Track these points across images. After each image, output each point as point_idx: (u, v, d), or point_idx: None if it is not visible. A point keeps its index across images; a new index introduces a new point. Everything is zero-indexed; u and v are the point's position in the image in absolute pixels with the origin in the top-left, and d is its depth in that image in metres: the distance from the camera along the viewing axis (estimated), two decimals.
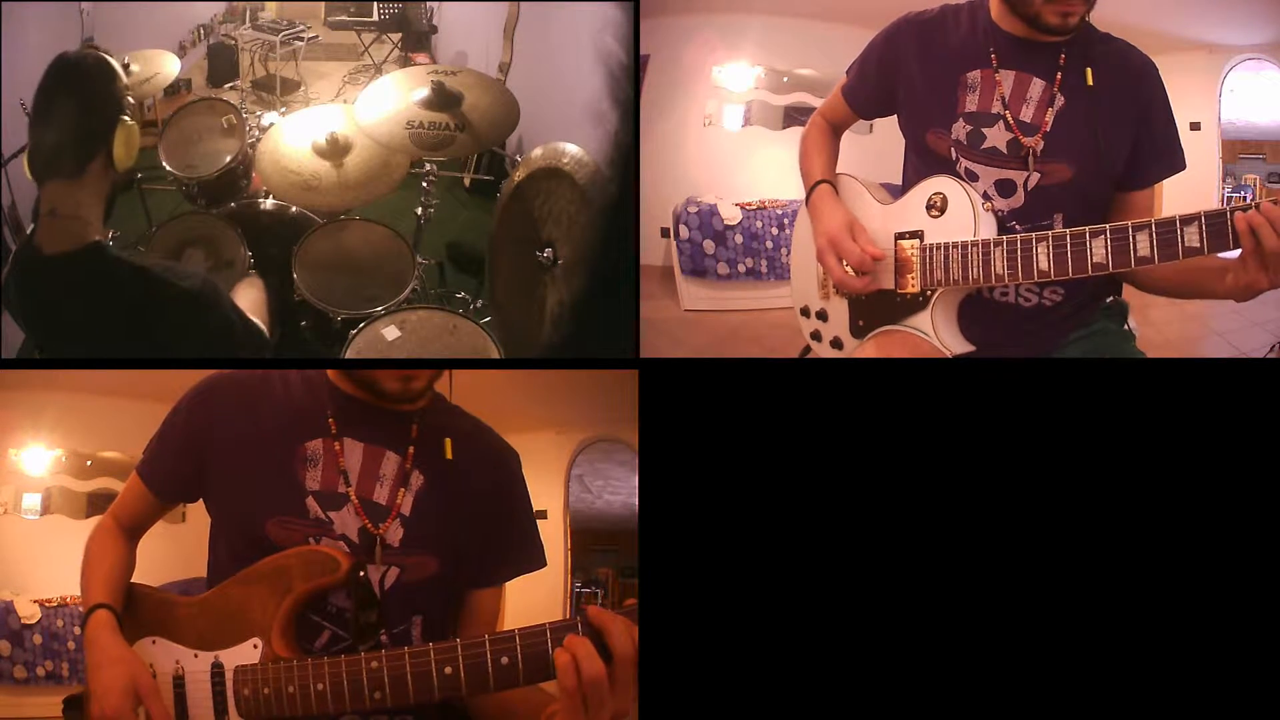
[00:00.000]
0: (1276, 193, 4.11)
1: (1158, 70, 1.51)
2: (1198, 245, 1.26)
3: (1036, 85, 1.50)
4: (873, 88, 1.69)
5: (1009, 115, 1.51)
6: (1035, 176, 1.50)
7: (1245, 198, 4.09)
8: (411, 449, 1.26)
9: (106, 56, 1.63)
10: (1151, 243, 1.29)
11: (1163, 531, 1.48)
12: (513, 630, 1.06)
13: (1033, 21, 1.46)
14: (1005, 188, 1.52)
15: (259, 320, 1.84)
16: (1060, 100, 1.49)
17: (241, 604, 1.19)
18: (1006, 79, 1.51)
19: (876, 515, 1.51)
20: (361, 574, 1.19)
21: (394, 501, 1.24)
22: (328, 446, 1.25)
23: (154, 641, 1.22)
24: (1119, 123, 1.49)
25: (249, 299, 2.05)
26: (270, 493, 1.22)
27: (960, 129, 1.54)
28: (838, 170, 1.73)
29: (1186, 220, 1.26)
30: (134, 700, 1.15)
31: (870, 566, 1.51)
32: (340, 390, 1.28)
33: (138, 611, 1.25)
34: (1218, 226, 1.25)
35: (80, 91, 1.59)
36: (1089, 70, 1.48)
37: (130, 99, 1.65)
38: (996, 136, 1.52)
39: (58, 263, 1.57)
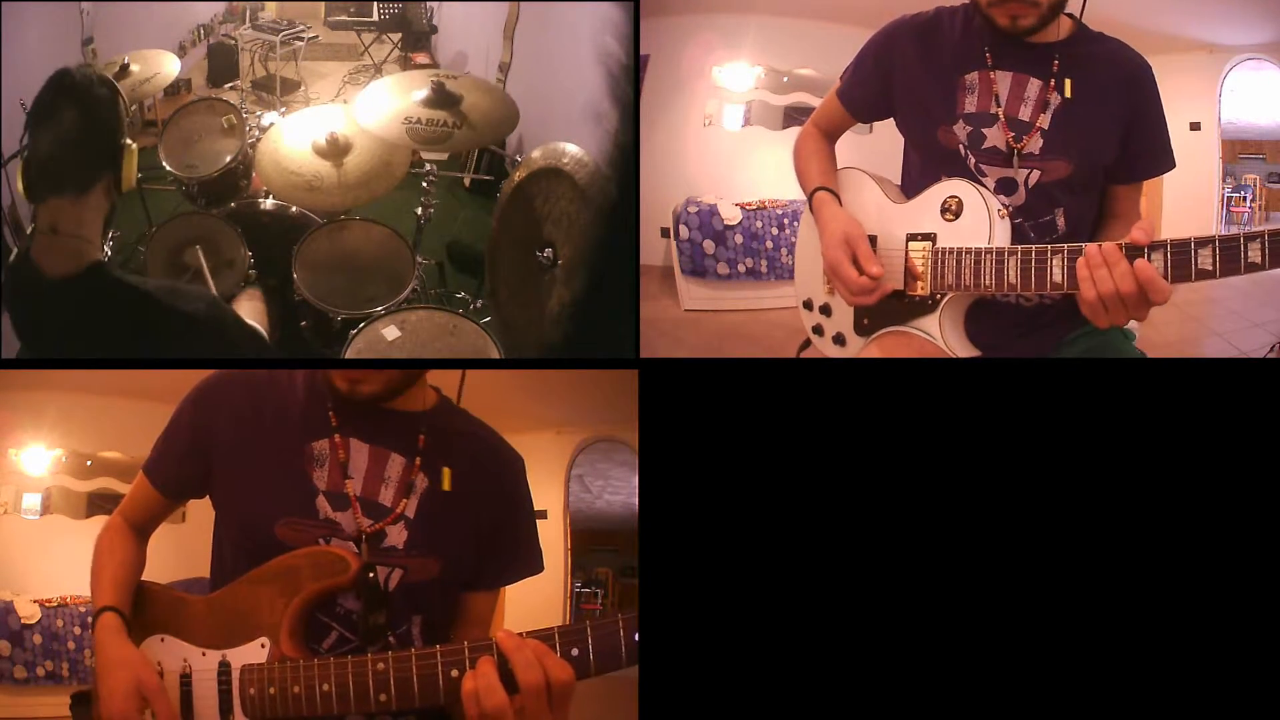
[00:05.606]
0: (1277, 193, 4.11)
1: (1151, 71, 1.52)
2: (1210, 269, 1.25)
3: (1034, 85, 1.51)
4: (870, 90, 1.68)
5: (1006, 114, 1.52)
6: (1035, 174, 1.51)
7: (1245, 198, 4.10)
8: (418, 453, 1.26)
9: (109, 78, 1.60)
10: (1166, 261, 1.28)
11: (1163, 531, 1.48)
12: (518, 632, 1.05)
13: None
14: (1007, 185, 1.53)
15: (260, 327, 1.84)
16: (1057, 99, 1.50)
17: (250, 603, 1.19)
18: (1003, 80, 1.52)
19: (877, 515, 1.51)
20: (371, 575, 1.19)
21: (398, 504, 1.24)
22: (333, 446, 1.24)
23: (163, 639, 1.22)
24: (1109, 122, 1.50)
25: (248, 310, 2.05)
26: (280, 493, 1.22)
27: (961, 130, 1.55)
28: (847, 165, 1.72)
29: (1200, 243, 1.25)
30: (139, 702, 1.15)
31: (871, 566, 1.51)
32: (339, 391, 1.27)
33: (148, 609, 1.25)
34: (1231, 250, 1.23)
35: (87, 112, 1.54)
36: (1069, 80, 1.49)
37: (129, 123, 1.62)
38: (995, 136, 1.53)
39: (58, 285, 1.54)
